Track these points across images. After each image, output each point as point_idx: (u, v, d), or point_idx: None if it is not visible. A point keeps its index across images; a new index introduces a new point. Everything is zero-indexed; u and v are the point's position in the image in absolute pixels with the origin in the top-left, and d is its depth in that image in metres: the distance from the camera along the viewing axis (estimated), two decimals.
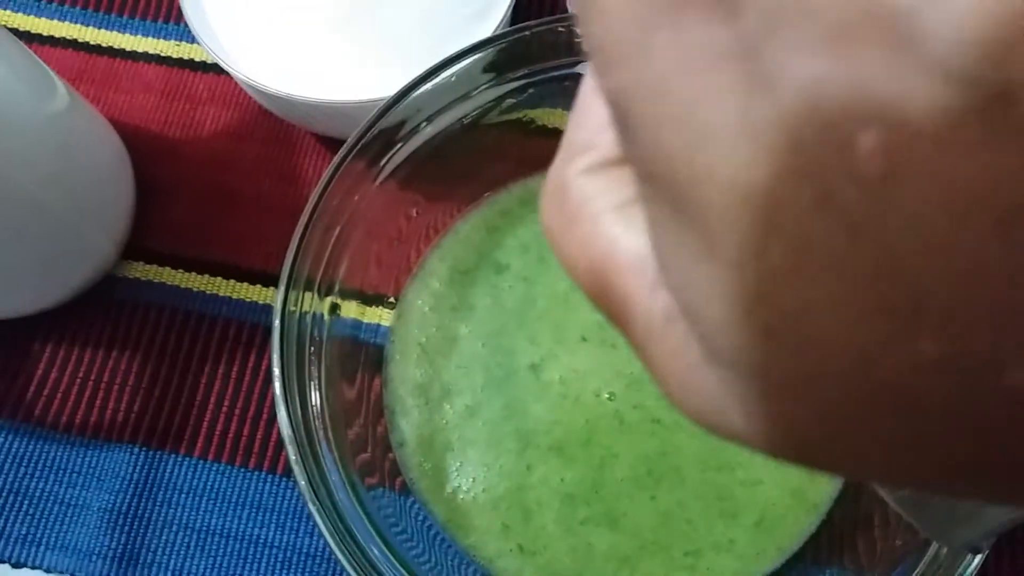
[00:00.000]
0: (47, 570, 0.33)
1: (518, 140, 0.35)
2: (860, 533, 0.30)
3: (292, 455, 0.26)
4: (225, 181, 0.39)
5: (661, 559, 0.31)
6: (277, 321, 0.28)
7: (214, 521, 0.34)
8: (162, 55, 0.41)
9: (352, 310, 0.32)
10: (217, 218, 0.38)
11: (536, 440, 0.32)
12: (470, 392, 0.33)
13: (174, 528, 0.34)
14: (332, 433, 0.28)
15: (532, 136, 0.35)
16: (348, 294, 0.31)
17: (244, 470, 0.35)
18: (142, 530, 0.34)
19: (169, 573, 0.33)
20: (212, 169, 0.39)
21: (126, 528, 0.34)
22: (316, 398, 0.28)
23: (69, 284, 0.36)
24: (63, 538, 0.34)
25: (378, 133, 0.30)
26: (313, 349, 0.29)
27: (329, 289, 0.30)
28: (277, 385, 0.27)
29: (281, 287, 0.28)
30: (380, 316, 0.34)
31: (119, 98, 0.40)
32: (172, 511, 0.34)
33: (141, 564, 0.33)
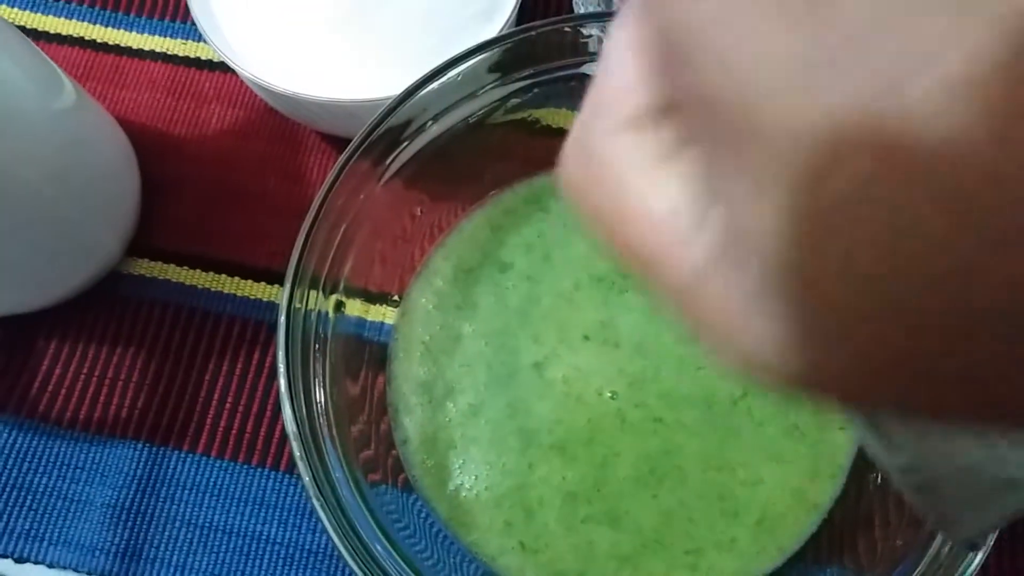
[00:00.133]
0: (50, 565, 0.33)
1: (523, 139, 0.35)
2: (861, 533, 0.30)
3: (296, 451, 0.26)
4: (230, 179, 0.39)
5: (662, 557, 0.31)
6: (282, 318, 0.28)
7: (217, 517, 0.34)
8: (168, 53, 0.41)
9: (357, 308, 0.32)
10: (222, 216, 0.38)
11: (539, 438, 0.32)
12: (473, 390, 0.33)
13: (177, 524, 0.34)
14: (336, 430, 0.28)
15: (537, 136, 0.35)
16: (353, 292, 0.32)
17: (247, 467, 0.35)
18: (145, 526, 0.34)
19: (172, 569, 0.33)
20: (217, 167, 0.39)
21: (129, 524, 0.34)
22: (320, 395, 0.28)
23: (74, 280, 0.36)
24: (66, 534, 0.34)
25: (384, 132, 0.30)
26: (318, 346, 0.29)
27: (334, 287, 0.30)
28: (282, 381, 0.27)
29: (287, 284, 0.28)
30: (384, 314, 0.34)
31: (125, 96, 0.40)
32: (175, 507, 0.34)
33: (144, 560, 0.33)
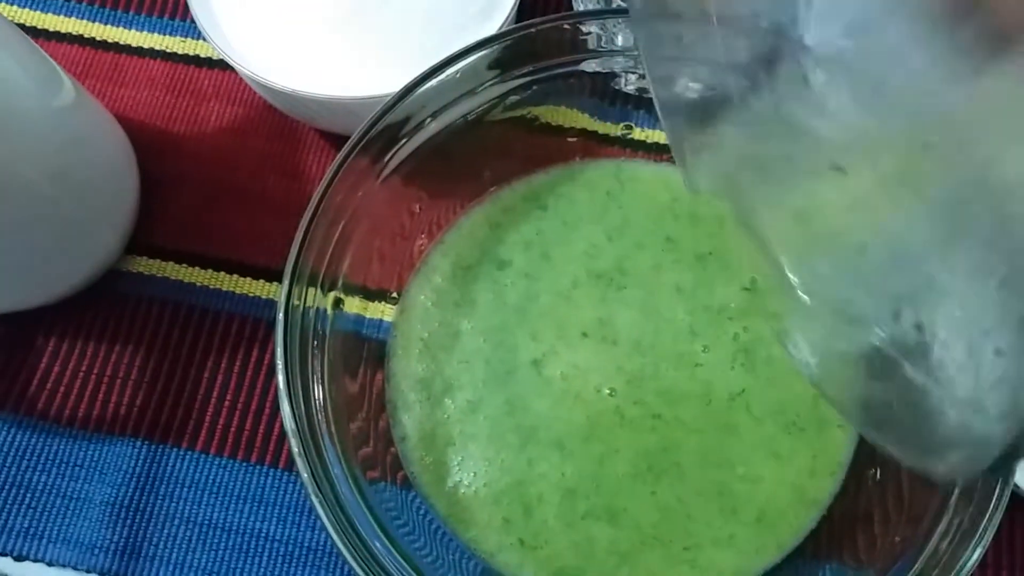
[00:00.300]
0: (49, 563, 0.33)
1: (522, 137, 0.35)
2: (860, 529, 0.30)
3: (295, 448, 0.26)
4: (229, 177, 0.39)
5: (661, 554, 0.31)
6: (281, 315, 0.28)
7: (216, 515, 0.34)
8: (167, 51, 0.41)
9: (355, 305, 0.32)
10: (221, 213, 0.38)
11: (537, 435, 0.32)
12: (472, 387, 0.33)
13: (176, 522, 0.34)
14: (335, 427, 0.28)
15: (536, 133, 0.35)
16: (351, 289, 0.32)
17: (246, 464, 0.35)
18: (144, 524, 0.34)
19: (171, 567, 0.33)
20: (216, 165, 0.39)
21: (128, 522, 0.34)
22: (319, 392, 0.28)
23: (73, 278, 0.36)
24: (65, 531, 0.34)
25: (382, 129, 0.30)
26: (316, 343, 0.29)
27: (332, 284, 0.30)
28: (281, 379, 0.27)
29: (285, 282, 0.28)
30: (383, 311, 0.34)
31: (124, 93, 0.40)
32: (174, 505, 0.34)
33: (143, 558, 0.34)
